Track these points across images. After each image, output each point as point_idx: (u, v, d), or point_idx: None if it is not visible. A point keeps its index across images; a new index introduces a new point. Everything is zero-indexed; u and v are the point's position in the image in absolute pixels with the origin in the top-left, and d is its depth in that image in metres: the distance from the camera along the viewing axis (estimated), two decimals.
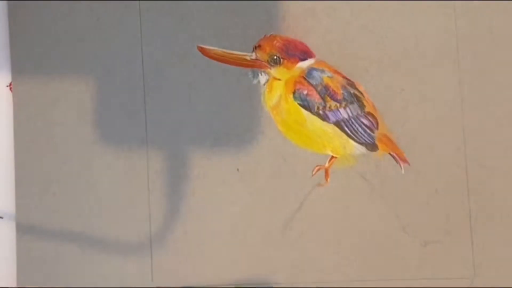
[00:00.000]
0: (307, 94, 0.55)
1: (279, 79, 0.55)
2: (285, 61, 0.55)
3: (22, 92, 0.57)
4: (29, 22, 0.57)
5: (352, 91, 0.55)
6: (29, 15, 0.57)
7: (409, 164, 0.55)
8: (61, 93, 0.57)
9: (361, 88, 0.55)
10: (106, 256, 0.56)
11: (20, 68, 0.57)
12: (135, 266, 0.55)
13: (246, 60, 0.56)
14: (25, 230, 0.56)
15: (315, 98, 0.55)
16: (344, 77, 0.55)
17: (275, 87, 0.55)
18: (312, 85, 0.55)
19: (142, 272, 0.55)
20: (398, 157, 0.55)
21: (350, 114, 0.55)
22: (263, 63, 0.56)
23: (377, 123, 0.55)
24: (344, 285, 0.55)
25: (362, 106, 0.55)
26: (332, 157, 0.55)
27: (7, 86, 0.58)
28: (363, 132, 0.55)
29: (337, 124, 0.55)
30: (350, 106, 0.55)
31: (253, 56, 0.56)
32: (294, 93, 0.55)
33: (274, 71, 0.55)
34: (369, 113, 0.55)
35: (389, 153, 0.55)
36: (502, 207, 0.54)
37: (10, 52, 0.57)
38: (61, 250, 0.56)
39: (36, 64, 0.57)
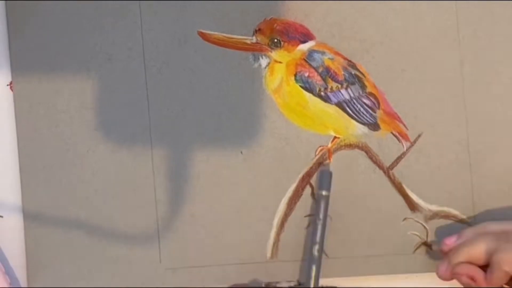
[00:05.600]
0: (308, 76, 0.55)
1: (280, 62, 0.55)
2: (286, 44, 0.55)
3: (23, 83, 0.57)
4: (28, 12, 0.57)
5: (353, 72, 0.55)
6: (28, 5, 0.57)
7: (411, 143, 0.55)
8: (63, 82, 0.57)
9: (362, 69, 0.55)
10: (114, 240, 0.56)
11: (21, 60, 0.57)
12: (143, 249, 0.56)
13: (246, 44, 0.56)
14: (32, 217, 0.56)
15: (317, 80, 0.55)
16: (345, 58, 0.56)
17: (276, 70, 0.55)
18: (313, 67, 0.55)
19: (150, 255, 0.56)
20: (400, 135, 0.55)
21: (352, 95, 0.55)
22: (264, 46, 0.56)
23: (379, 103, 0.55)
24: (349, 261, 0.55)
25: (363, 86, 0.55)
26: (335, 137, 0.56)
27: (8, 85, 0.57)
28: (365, 112, 0.55)
29: (339, 105, 0.55)
30: (352, 87, 0.55)
31: (254, 39, 0.56)
32: (295, 75, 0.55)
33: (275, 54, 0.55)
34: (370, 94, 0.55)
35: (391, 132, 0.56)
36: (504, 183, 0.55)
37: (9, 47, 0.57)
38: (69, 236, 0.56)
39: (37, 54, 0.57)
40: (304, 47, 0.55)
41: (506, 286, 0.49)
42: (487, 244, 0.48)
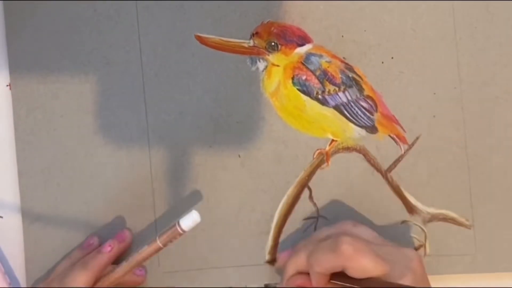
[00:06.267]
0: (306, 79, 0.55)
1: (277, 65, 0.56)
2: (283, 47, 0.55)
3: (21, 87, 0.57)
4: (25, 17, 0.57)
5: (350, 75, 0.55)
6: (25, 10, 0.57)
7: (409, 145, 0.55)
8: (61, 86, 0.57)
9: (360, 72, 0.56)
10: None
11: (18, 64, 0.57)
12: None
13: (244, 47, 0.56)
14: (31, 220, 0.57)
15: (314, 83, 0.55)
16: (342, 61, 0.56)
17: (273, 73, 0.56)
18: (310, 70, 0.55)
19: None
20: (398, 138, 0.55)
21: (349, 98, 0.55)
22: (261, 49, 0.56)
23: (376, 106, 0.55)
24: None
25: (361, 89, 0.55)
26: (333, 140, 0.56)
27: (7, 85, 0.58)
28: (362, 115, 0.55)
29: (337, 108, 0.55)
30: (349, 90, 0.55)
31: (251, 43, 0.56)
32: (293, 78, 0.55)
33: (272, 58, 0.56)
34: (368, 96, 0.55)
35: (389, 135, 0.56)
36: (501, 185, 0.55)
37: (7, 50, 0.57)
38: (68, 238, 0.56)
39: (35, 59, 0.57)
40: (302, 50, 0.56)
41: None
42: (306, 250, 0.49)
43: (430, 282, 0.51)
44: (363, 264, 0.46)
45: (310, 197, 0.56)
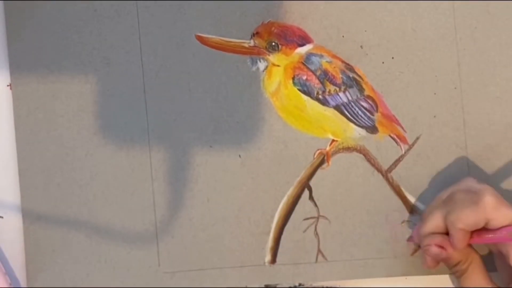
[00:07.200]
0: (306, 80, 0.55)
1: (278, 65, 0.56)
2: (284, 47, 0.55)
3: (22, 87, 0.57)
4: (26, 17, 0.57)
5: (351, 75, 0.55)
6: (25, 10, 0.57)
7: (409, 145, 0.55)
8: (61, 86, 0.57)
9: (360, 72, 0.56)
10: (113, 244, 0.56)
11: (19, 64, 0.57)
12: (142, 253, 0.56)
13: (244, 47, 0.56)
14: (31, 220, 0.56)
15: (315, 83, 0.55)
16: (342, 61, 0.56)
17: (274, 74, 0.56)
18: (311, 70, 0.55)
19: (149, 258, 0.56)
20: (399, 138, 0.55)
21: (350, 98, 0.55)
22: (262, 50, 0.56)
23: (377, 106, 0.55)
24: (347, 264, 0.55)
25: (361, 89, 0.56)
26: (333, 140, 0.56)
27: (8, 85, 0.58)
28: (363, 115, 0.55)
29: (337, 108, 0.55)
30: (350, 90, 0.55)
31: (251, 43, 0.56)
32: (293, 78, 0.55)
33: (272, 58, 0.56)
34: (368, 96, 0.55)
35: (389, 135, 0.56)
36: (502, 185, 0.55)
37: (8, 50, 0.57)
38: (68, 239, 0.56)
39: (35, 58, 0.57)
40: (302, 50, 0.56)
41: None
42: (440, 212, 0.48)
43: (430, 282, 0.51)
44: (507, 213, 0.46)
45: (311, 197, 0.56)
